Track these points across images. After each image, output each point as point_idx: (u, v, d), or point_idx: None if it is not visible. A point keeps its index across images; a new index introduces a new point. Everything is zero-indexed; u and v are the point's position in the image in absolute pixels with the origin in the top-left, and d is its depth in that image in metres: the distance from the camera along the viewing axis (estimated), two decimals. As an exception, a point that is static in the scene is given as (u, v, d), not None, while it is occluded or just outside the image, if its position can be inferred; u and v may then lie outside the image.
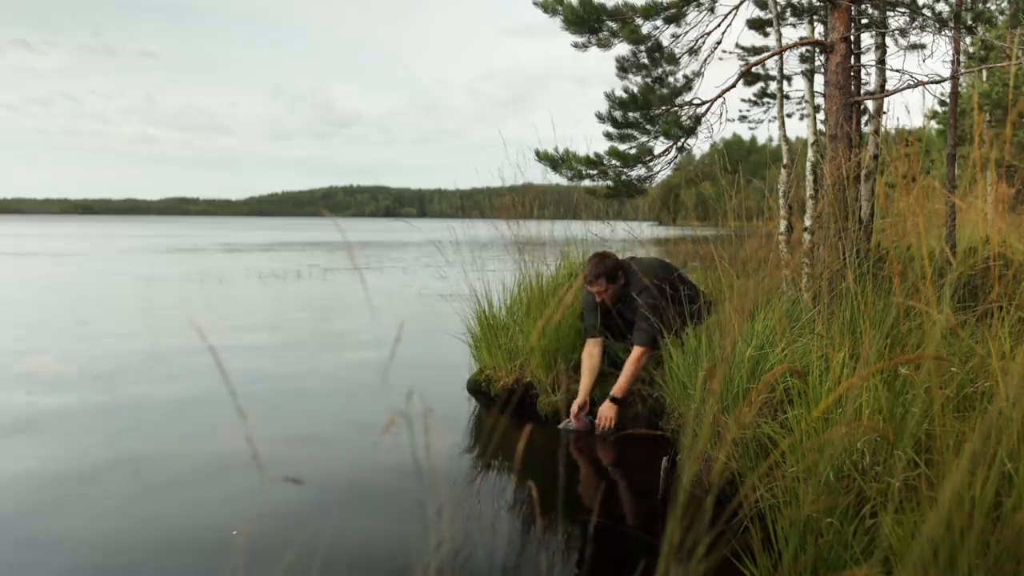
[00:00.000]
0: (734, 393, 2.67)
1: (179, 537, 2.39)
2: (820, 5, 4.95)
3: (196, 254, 19.39)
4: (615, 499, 2.79)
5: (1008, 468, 1.34)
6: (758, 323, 2.85)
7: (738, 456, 2.43)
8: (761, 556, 1.76)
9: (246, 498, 2.71)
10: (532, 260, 4.22)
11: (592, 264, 3.54)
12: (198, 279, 11.79)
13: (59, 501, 2.67)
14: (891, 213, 3.48)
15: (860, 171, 4.08)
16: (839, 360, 2.16)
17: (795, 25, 6.07)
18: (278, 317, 7.84)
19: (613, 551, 2.36)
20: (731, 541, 1.44)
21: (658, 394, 3.45)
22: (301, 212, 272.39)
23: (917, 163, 2.23)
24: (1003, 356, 1.76)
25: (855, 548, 1.65)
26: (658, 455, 2.83)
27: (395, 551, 2.29)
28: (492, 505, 2.68)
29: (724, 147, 4.14)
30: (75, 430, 3.54)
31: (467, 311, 4.25)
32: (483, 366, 4.17)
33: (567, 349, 3.84)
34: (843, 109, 3.69)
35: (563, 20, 4.26)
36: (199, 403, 4.01)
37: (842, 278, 2.63)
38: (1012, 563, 1.23)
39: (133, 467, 3.04)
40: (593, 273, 3.50)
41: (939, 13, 4.44)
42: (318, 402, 4.10)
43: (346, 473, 2.96)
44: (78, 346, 5.76)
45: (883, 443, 1.75)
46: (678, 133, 4.35)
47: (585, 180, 4.58)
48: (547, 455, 3.23)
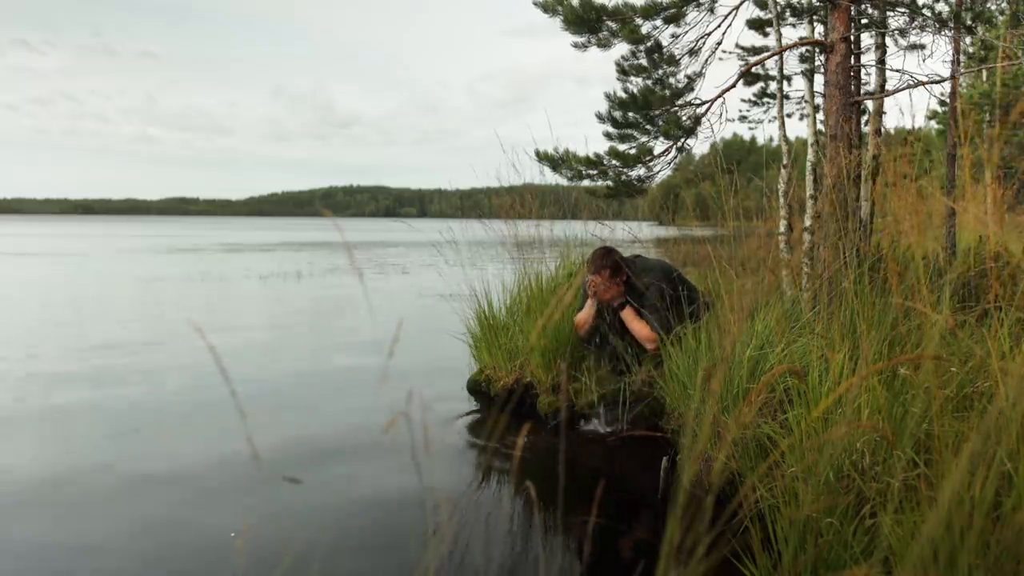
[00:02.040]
0: (734, 393, 2.67)
1: (177, 538, 2.39)
2: (820, 5, 4.95)
3: (196, 254, 19.39)
4: (615, 499, 2.79)
5: (1008, 468, 1.34)
6: (758, 323, 2.85)
7: (738, 456, 2.43)
8: (761, 556, 1.76)
9: (245, 499, 2.71)
10: (532, 260, 4.22)
11: (598, 255, 3.54)
12: (199, 279, 11.79)
13: (57, 502, 2.67)
14: (889, 212, 3.48)
15: (860, 171, 4.08)
16: (839, 360, 2.16)
17: (795, 25, 6.07)
18: (278, 317, 7.84)
19: (613, 551, 2.36)
20: (731, 541, 1.44)
21: (658, 394, 3.45)
22: (301, 212, 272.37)
23: (912, 164, 2.23)
24: (1003, 356, 1.76)
25: (855, 548, 1.65)
26: (658, 455, 2.83)
27: (394, 552, 2.29)
28: (491, 505, 2.68)
29: (724, 147, 4.14)
30: (74, 430, 3.54)
31: (467, 311, 4.25)
32: (483, 366, 4.17)
33: (567, 349, 3.84)
34: (843, 109, 3.69)
35: (563, 20, 4.26)
36: (198, 403, 4.01)
37: (842, 278, 2.63)
38: (1012, 563, 1.23)
39: (131, 467, 3.04)
40: (600, 263, 3.50)
41: (939, 13, 4.44)
42: (318, 402, 4.10)
43: (345, 473, 2.96)
44: (76, 346, 5.76)
45: (883, 443, 1.75)
46: (678, 133, 4.35)
47: (585, 180, 4.58)
48: (547, 455, 3.23)
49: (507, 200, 4.43)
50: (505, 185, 4.45)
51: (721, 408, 2.65)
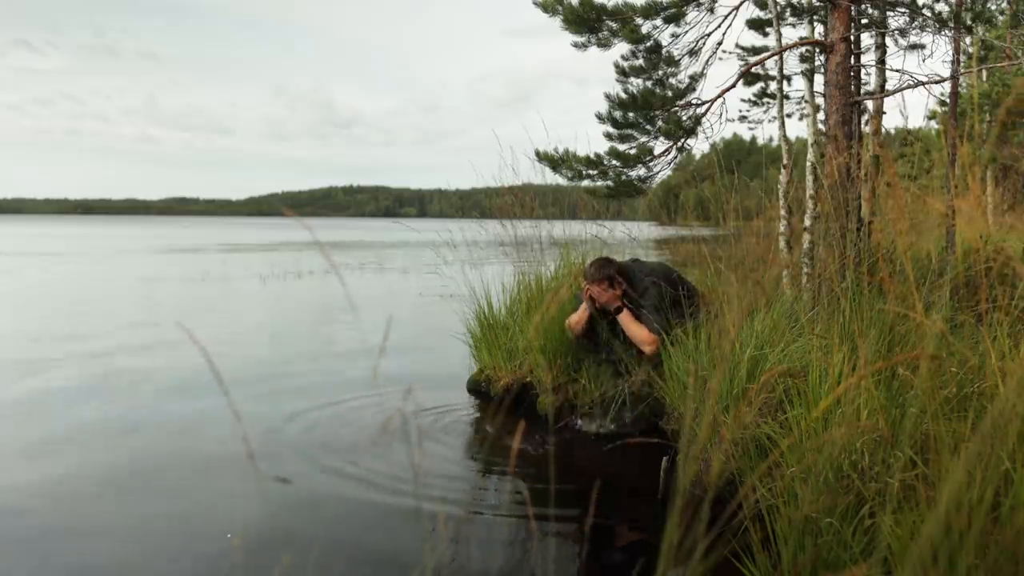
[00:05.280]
0: (734, 394, 2.67)
1: (176, 539, 2.39)
2: (820, 5, 4.95)
3: (196, 254, 19.39)
4: (614, 499, 2.79)
5: (1007, 467, 1.34)
6: (757, 323, 2.85)
7: (738, 456, 2.43)
8: (760, 556, 1.76)
9: (242, 500, 2.71)
10: (531, 260, 4.22)
11: (596, 265, 3.54)
12: (199, 279, 11.79)
13: (53, 501, 2.67)
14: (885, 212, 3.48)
15: (860, 171, 4.08)
16: (837, 360, 2.16)
17: (795, 25, 6.08)
18: (276, 317, 7.84)
19: (613, 551, 2.36)
20: (731, 541, 1.44)
21: (658, 394, 3.45)
22: (301, 212, 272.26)
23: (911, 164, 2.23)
24: (1002, 356, 1.76)
25: (854, 548, 1.65)
26: (657, 455, 2.83)
27: (393, 552, 2.29)
28: (490, 505, 2.68)
29: (724, 147, 4.14)
30: (71, 429, 3.54)
31: (467, 311, 4.25)
32: (483, 366, 4.17)
33: (566, 349, 3.84)
34: (843, 109, 3.69)
35: (563, 20, 4.26)
36: (196, 404, 4.01)
37: (841, 278, 2.63)
38: (1011, 564, 1.23)
39: (130, 467, 3.04)
40: (598, 274, 3.50)
41: (939, 13, 4.44)
42: (316, 402, 4.09)
43: (345, 474, 2.96)
44: (76, 346, 5.76)
45: (882, 443, 1.75)
46: (678, 133, 4.35)
47: (585, 180, 4.58)
48: (546, 455, 3.23)
49: (507, 200, 4.43)
50: (505, 185, 4.45)
51: (721, 408, 2.65)
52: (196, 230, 46.59)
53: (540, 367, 3.81)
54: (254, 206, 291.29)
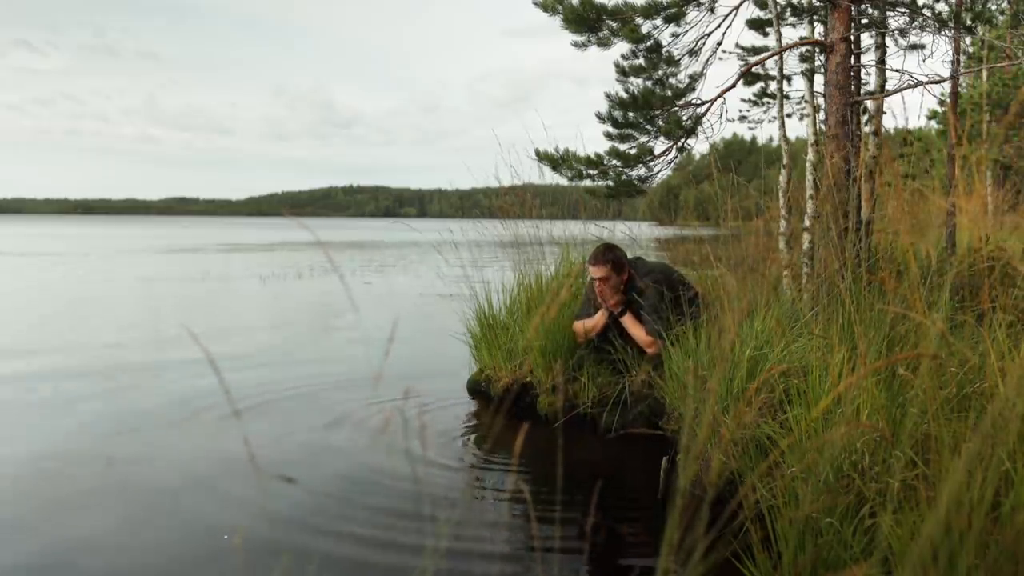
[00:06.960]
0: (734, 393, 2.67)
1: (175, 540, 2.39)
2: (820, 5, 4.95)
3: (196, 254, 19.39)
4: (614, 499, 2.79)
5: (1007, 467, 1.34)
6: (757, 323, 2.85)
7: (738, 456, 2.43)
8: (761, 556, 1.76)
9: (242, 499, 2.71)
10: (531, 260, 4.22)
11: (600, 250, 3.56)
12: (199, 279, 11.79)
13: (52, 501, 2.67)
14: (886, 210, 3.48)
15: (860, 171, 4.08)
16: (837, 360, 2.15)
17: (795, 25, 6.07)
18: (276, 317, 7.84)
19: (613, 551, 2.36)
20: (731, 541, 1.44)
21: (658, 394, 3.45)
22: (301, 212, 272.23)
23: (911, 164, 2.23)
24: (1002, 356, 1.76)
25: (854, 548, 1.65)
26: (657, 454, 2.83)
27: (393, 553, 2.29)
28: (490, 505, 2.68)
29: (724, 147, 4.15)
30: (71, 429, 3.54)
31: (467, 311, 4.25)
32: (483, 366, 4.17)
33: (566, 349, 3.84)
34: (843, 109, 3.69)
35: (563, 19, 4.25)
36: (197, 403, 4.01)
37: (841, 278, 2.63)
38: (1011, 564, 1.23)
39: (129, 467, 3.04)
40: (602, 257, 3.52)
41: (939, 13, 4.43)
42: (316, 402, 4.09)
43: (344, 474, 2.96)
44: (76, 345, 5.76)
45: (882, 443, 1.75)
46: (678, 133, 4.35)
47: (585, 180, 4.57)
48: (546, 455, 3.23)
49: (507, 200, 4.44)
50: (505, 185, 4.45)
51: (721, 408, 2.65)
52: (196, 230, 46.57)
53: (540, 367, 3.81)
54: (254, 206, 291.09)
